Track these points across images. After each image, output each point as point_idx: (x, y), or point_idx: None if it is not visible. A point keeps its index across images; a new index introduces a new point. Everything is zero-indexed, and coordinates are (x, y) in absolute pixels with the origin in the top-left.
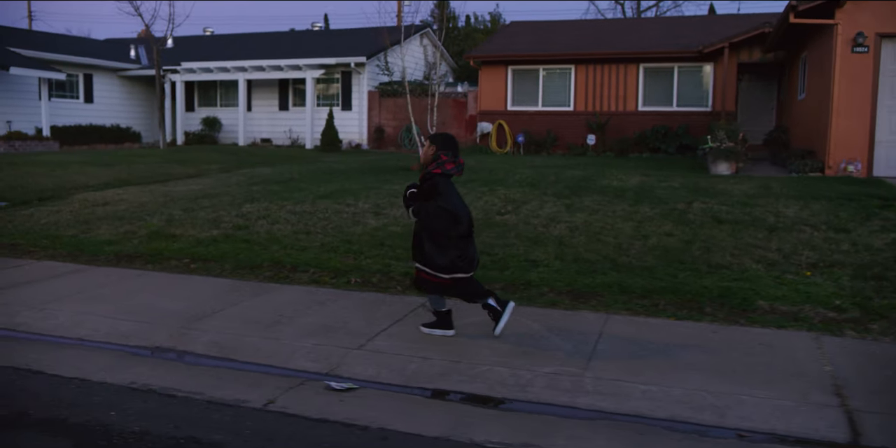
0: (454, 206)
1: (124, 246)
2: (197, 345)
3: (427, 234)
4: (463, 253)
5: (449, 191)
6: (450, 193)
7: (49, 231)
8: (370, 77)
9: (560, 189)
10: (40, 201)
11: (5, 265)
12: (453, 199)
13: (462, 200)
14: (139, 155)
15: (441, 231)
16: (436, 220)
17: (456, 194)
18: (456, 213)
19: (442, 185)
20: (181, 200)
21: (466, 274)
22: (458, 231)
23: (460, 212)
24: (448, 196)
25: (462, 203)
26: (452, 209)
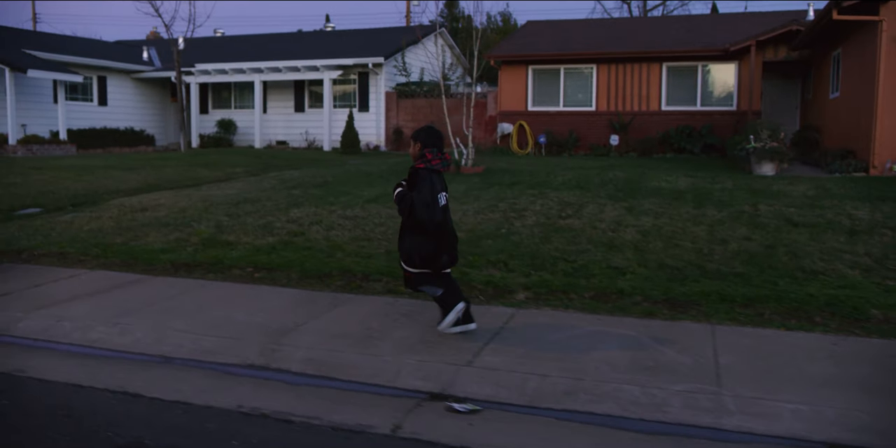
0: (424, 197)
1: (179, 254)
2: (292, 362)
3: (403, 226)
4: (433, 246)
5: (427, 184)
6: (427, 187)
7: (96, 239)
8: (387, 78)
9: (611, 191)
10: (74, 207)
11: (59, 275)
12: (424, 192)
13: (435, 194)
14: (161, 158)
15: (414, 221)
16: (404, 209)
17: (432, 188)
18: (426, 203)
19: (423, 178)
20: (222, 205)
21: (433, 270)
22: (430, 219)
23: (430, 203)
24: (422, 189)
25: (434, 197)
26: (422, 199)
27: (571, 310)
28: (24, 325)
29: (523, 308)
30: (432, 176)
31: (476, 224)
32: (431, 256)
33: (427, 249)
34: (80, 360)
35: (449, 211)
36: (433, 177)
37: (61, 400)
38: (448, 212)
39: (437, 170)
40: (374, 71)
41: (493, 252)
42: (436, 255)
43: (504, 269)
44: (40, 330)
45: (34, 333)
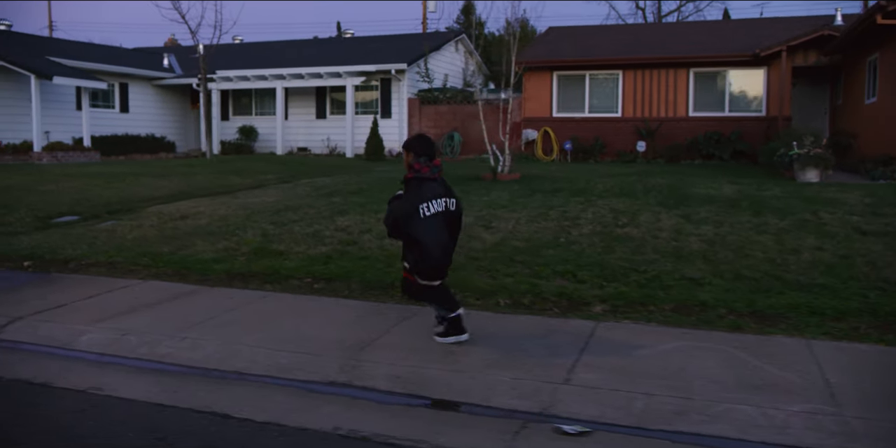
0: (402, 207)
1: (232, 264)
2: (376, 379)
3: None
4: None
5: (413, 194)
6: (411, 196)
7: (142, 248)
8: (409, 84)
9: (659, 199)
10: (111, 214)
11: (112, 286)
12: (406, 202)
13: (418, 204)
14: (187, 165)
15: (392, 228)
16: (387, 218)
17: (418, 198)
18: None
19: (411, 187)
20: (264, 213)
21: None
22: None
23: (406, 212)
24: (407, 198)
25: (415, 206)
26: (399, 209)
27: (653, 323)
28: (88, 339)
29: (602, 321)
30: (422, 185)
31: (532, 233)
32: (427, 269)
33: (424, 261)
34: (154, 376)
35: (452, 217)
36: (423, 185)
37: (149, 421)
38: (447, 220)
39: (428, 178)
40: (396, 77)
41: (558, 262)
42: (422, 265)
43: (573, 280)
44: (105, 344)
45: (99, 347)
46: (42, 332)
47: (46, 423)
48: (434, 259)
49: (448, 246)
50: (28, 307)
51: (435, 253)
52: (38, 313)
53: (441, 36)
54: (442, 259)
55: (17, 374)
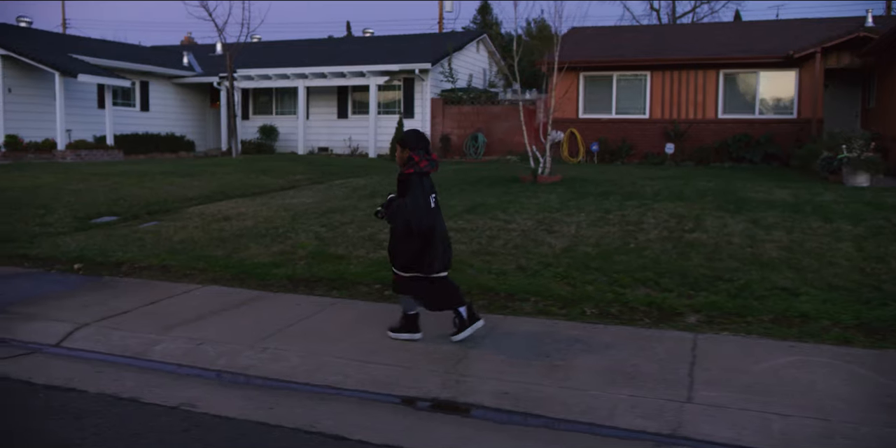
0: (416, 202)
1: (292, 269)
2: (482, 396)
3: (393, 231)
4: (424, 251)
5: (418, 189)
6: (418, 191)
7: (193, 250)
8: (432, 84)
9: (716, 202)
10: (150, 215)
11: (171, 291)
12: (418, 197)
13: (428, 198)
14: (214, 164)
15: (402, 226)
16: (398, 216)
17: (424, 192)
18: (420, 208)
19: (414, 184)
20: (308, 215)
21: (424, 274)
22: (420, 224)
23: (421, 207)
24: (415, 194)
25: (427, 201)
26: (413, 204)
27: (754, 335)
28: (163, 349)
29: (700, 332)
30: (422, 180)
31: (598, 238)
32: (425, 260)
33: (421, 253)
34: (242, 390)
35: (440, 213)
36: (423, 180)
37: (261, 443)
38: (440, 214)
39: (425, 172)
40: (420, 77)
41: (635, 269)
42: (430, 259)
43: (657, 289)
44: (181, 354)
45: (175, 358)
46: (114, 341)
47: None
48: (439, 250)
49: (448, 238)
50: (91, 313)
51: (442, 245)
52: (104, 320)
53: (463, 36)
54: (445, 250)
55: (102, 388)
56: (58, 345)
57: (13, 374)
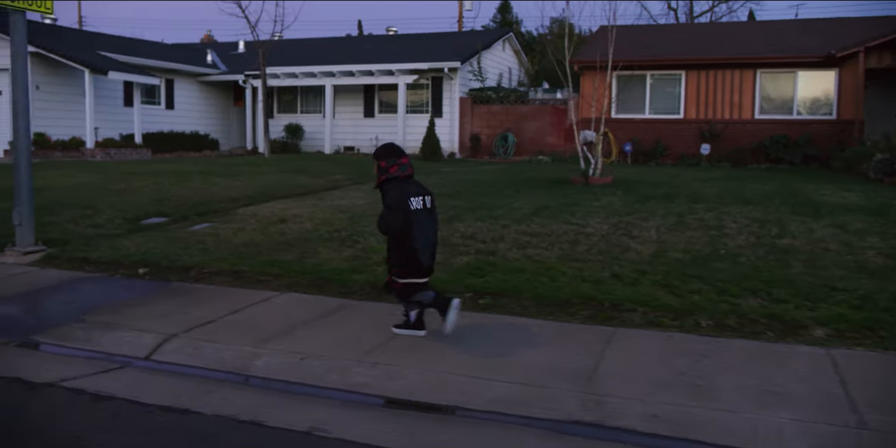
0: (388, 208)
1: (374, 275)
2: (631, 419)
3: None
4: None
5: (393, 193)
6: (392, 195)
7: (263, 255)
8: (461, 83)
9: (790, 206)
10: (199, 216)
11: (251, 299)
12: (392, 201)
13: (406, 201)
14: (248, 164)
15: (386, 230)
16: (381, 221)
17: (400, 196)
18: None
19: (390, 189)
20: (365, 217)
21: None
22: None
23: (394, 211)
24: (388, 198)
25: (404, 203)
26: (386, 210)
27: (892, 351)
28: (264, 364)
29: (832, 347)
30: (399, 185)
31: (685, 244)
32: (419, 266)
33: (416, 259)
34: (368, 411)
35: (431, 217)
36: (400, 185)
37: None
38: (430, 218)
39: (398, 176)
40: (448, 75)
41: (738, 278)
42: (423, 263)
43: (770, 299)
44: (285, 370)
45: (280, 374)
46: (208, 354)
47: None
48: (424, 255)
49: (434, 242)
50: (174, 323)
51: (424, 249)
52: (191, 330)
53: (490, 34)
54: (430, 256)
55: (216, 409)
56: (148, 358)
57: (118, 392)
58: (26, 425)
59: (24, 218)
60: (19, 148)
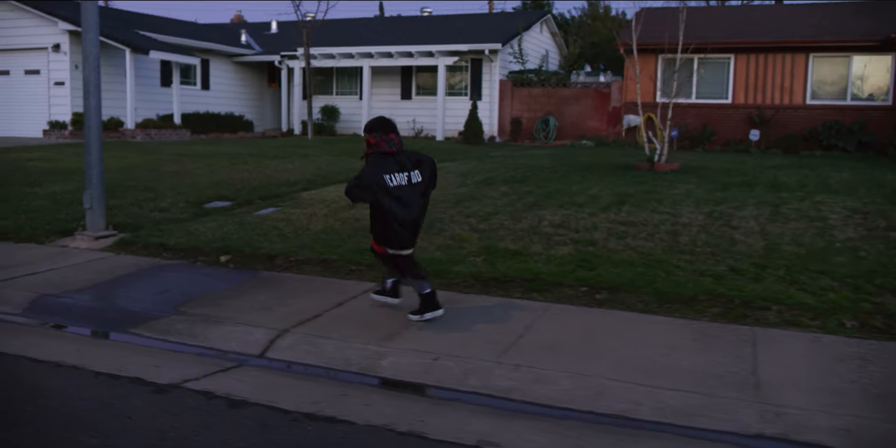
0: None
1: (474, 266)
2: (819, 433)
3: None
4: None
5: (375, 165)
6: (369, 169)
7: (345, 243)
8: (501, 65)
9: (880, 196)
10: (262, 200)
11: (349, 290)
12: (365, 174)
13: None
14: (294, 145)
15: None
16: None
17: (374, 169)
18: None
19: (372, 162)
20: (441, 204)
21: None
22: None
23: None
24: (373, 169)
25: (378, 174)
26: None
27: None
28: (392, 364)
29: None
30: (379, 159)
31: (792, 236)
32: (397, 239)
33: (394, 232)
34: (530, 421)
35: (418, 189)
36: (380, 160)
37: None
38: (416, 190)
39: (385, 152)
40: (489, 57)
41: (868, 274)
42: (400, 237)
43: None
44: (420, 371)
45: (413, 376)
46: (329, 352)
47: None
48: (401, 228)
49: (417, 218)
50: (280, 317)
51: (405, 225)
52: (301, 325)
53: (528, 16)
54: (408, 229)
55: (366, 417)
56: (262, 355)
57: (250, 396)
58: (184, 435)
59: (95, 201)
60: (90, 127)
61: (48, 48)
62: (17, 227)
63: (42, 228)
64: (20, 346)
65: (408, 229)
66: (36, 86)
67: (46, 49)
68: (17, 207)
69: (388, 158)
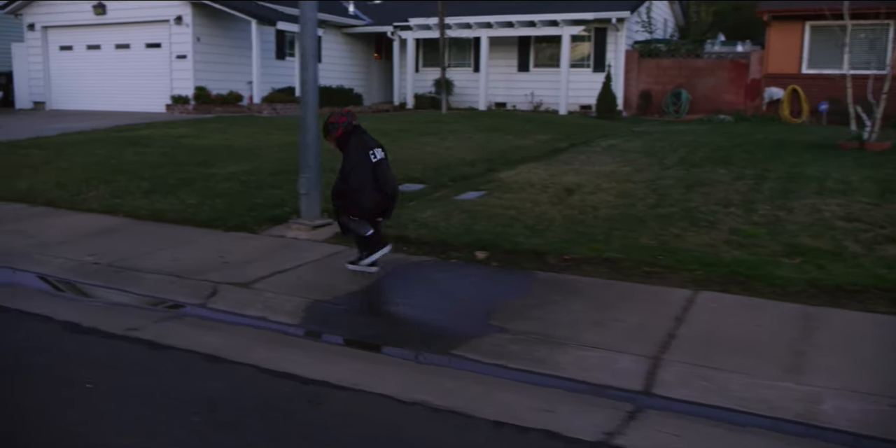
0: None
1: (797, 270)
2: None
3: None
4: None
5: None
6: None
7: (617, 238)
8: (626, 35)
9: None
10: (454, 183)
11: (666, 298)
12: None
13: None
14: (432, 120)
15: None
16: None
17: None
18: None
19: (351, 142)
20: (672, 189)
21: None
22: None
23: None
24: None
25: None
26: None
27: None
28: (838, 410)
29: None
30: (359, 138)
31: None
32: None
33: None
34: None
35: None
36: (360, 138)
37: None
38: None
39: (353, 126)
40: (615, 26)
41: None
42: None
43: None
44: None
45: (864, 426)
46: (736, 391)
47: None
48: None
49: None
50: (624, 336)
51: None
52: (667, 350)
53: None
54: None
55: None
56: (648, 392)
57: None
58: None
59: (311, 185)
60: (308, 102)
61: (170, 20)
62: (217, 213)
63: (248, 216)
64: (331, 371)
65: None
66: (157, 60)
67: (168, 21)
68: (205, 191)
69: (362, 135)
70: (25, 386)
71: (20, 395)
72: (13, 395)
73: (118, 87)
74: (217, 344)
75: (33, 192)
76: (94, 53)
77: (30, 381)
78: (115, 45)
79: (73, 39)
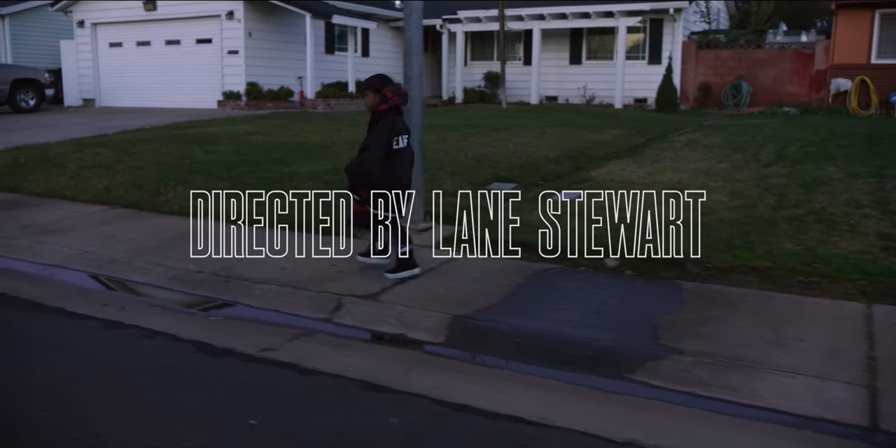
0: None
1: None
2: None
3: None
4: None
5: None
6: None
7: (755, 245)
8: (684, 25)
9: None
10: (545, 181)
11: (835, 312)
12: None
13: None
14: (497, 115)
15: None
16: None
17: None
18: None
19: (385, 122)
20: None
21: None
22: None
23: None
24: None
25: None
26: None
27: None
28: None
29: None
30: (395, 117)
31: None
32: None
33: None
34: None
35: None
36: (395, 119)
37: None
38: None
39: (397, 106)
40: (672, 17)
41: None
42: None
43: None
44: None
45: None
46: None
47: None
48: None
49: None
50: (818, 358)
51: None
52: (877, 376)
53: None
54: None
55: None
56: (875, 428)
57: None
58: None
59: (415, 187)
60: (413, 97)
61: (221, 15)
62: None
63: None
64: (510, 402)
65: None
66: (207, 55)
67: (219, 16)
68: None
69: (399, 117)
70: (195, 426)
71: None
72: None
73: (168, 83)
74: (364, 367)
75: (111, 193)
76: (143, 50)
77: (190, 420)
78: (165, 41)
79: (123, 36)
